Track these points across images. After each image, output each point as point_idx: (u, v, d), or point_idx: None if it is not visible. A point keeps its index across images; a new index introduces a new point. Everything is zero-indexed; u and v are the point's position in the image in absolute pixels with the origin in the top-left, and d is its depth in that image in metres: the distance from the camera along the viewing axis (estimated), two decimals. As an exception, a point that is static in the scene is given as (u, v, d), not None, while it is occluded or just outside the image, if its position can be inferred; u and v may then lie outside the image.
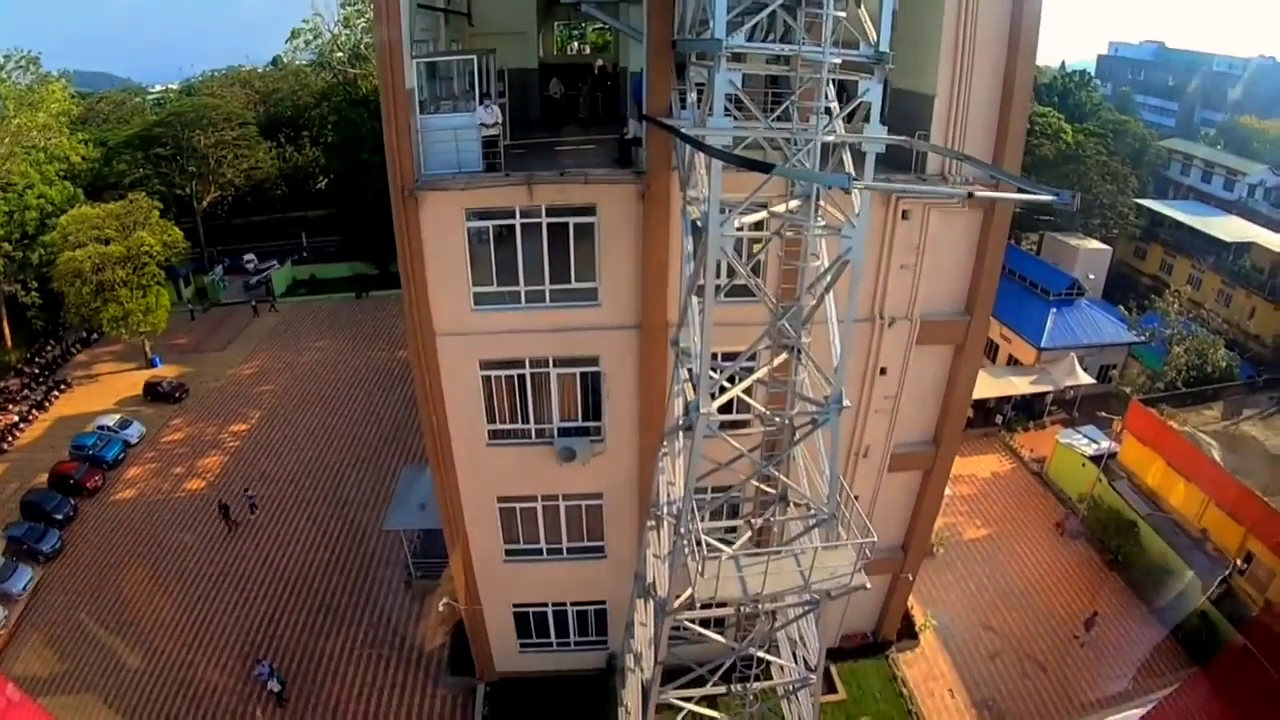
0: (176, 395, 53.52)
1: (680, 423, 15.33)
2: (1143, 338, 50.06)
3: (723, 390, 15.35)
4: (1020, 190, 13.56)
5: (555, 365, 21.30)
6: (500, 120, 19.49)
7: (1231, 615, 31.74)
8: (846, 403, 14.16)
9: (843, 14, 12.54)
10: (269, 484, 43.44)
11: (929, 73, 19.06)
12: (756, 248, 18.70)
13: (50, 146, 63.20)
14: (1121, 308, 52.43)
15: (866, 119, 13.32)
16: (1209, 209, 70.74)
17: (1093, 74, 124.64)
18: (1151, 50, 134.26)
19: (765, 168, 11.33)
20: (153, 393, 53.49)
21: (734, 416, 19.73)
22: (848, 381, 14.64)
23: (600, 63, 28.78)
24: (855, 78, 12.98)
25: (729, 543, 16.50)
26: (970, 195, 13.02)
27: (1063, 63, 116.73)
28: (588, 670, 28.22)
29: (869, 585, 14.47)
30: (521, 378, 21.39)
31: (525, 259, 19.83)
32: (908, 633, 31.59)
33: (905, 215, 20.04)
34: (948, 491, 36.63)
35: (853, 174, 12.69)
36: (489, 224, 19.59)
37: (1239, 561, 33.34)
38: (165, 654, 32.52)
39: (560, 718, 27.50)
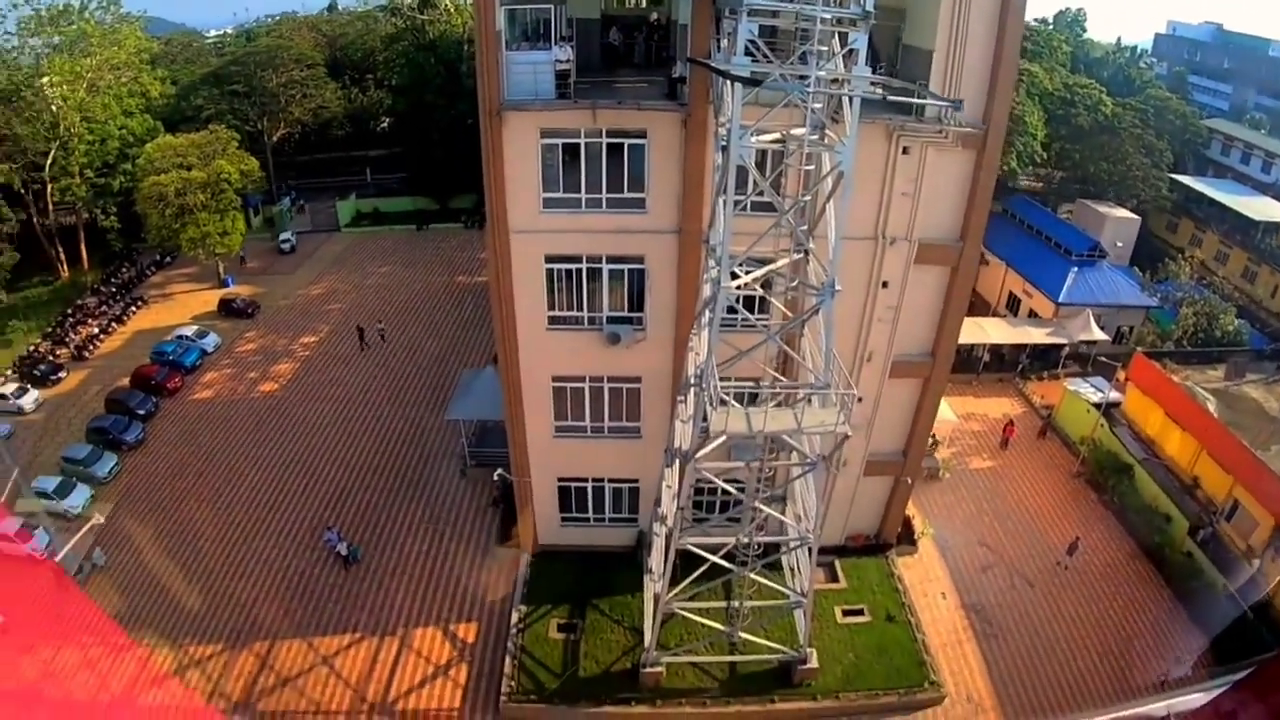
0: (249, 311, 58.29)
1: (707, 297, 19.21)
2: (1154, 300, 52.60)
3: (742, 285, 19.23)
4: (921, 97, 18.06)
5: (607, 262, 25.51)
6: (570, 59, 23.40)
7: (1215, 558, 34.01)
8: (839, 287, 17.87)
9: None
10: (337, 387, 48.10)
11: (930, 31, 22.55)
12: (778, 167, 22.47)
13: (130, 82, 68.20)
14: (1137, 270, 54.71)
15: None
16: (1244, 189, 71.83)
17: (1149, 52, 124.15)
18: (1209, 31, 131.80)
19: (755, 82, 15.33)
20: (227, 309, 58.42)
21: (754, 314, 23.56)
22: (853, 291, 18.03)
23: (655, 16, 32.40)
24: (849, 31, 16.57)
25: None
26: (883, 98, 16.88)
27: (1119, 39, 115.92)
28: (619, 547, 32.38)
29: (850, 432, 18.22)
30: (579, 271, 25.60)
31: (586, 172, 23.99)
32: (907, 539, 35.09)
33: (906, 150, 23.70)
34: (955, 419, 39.98)
35: (808, 90, 16.76)
36: (558, 141, 23.65)
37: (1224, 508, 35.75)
38: (240, 526, 37.11)
39: (593, 584, 31.39)
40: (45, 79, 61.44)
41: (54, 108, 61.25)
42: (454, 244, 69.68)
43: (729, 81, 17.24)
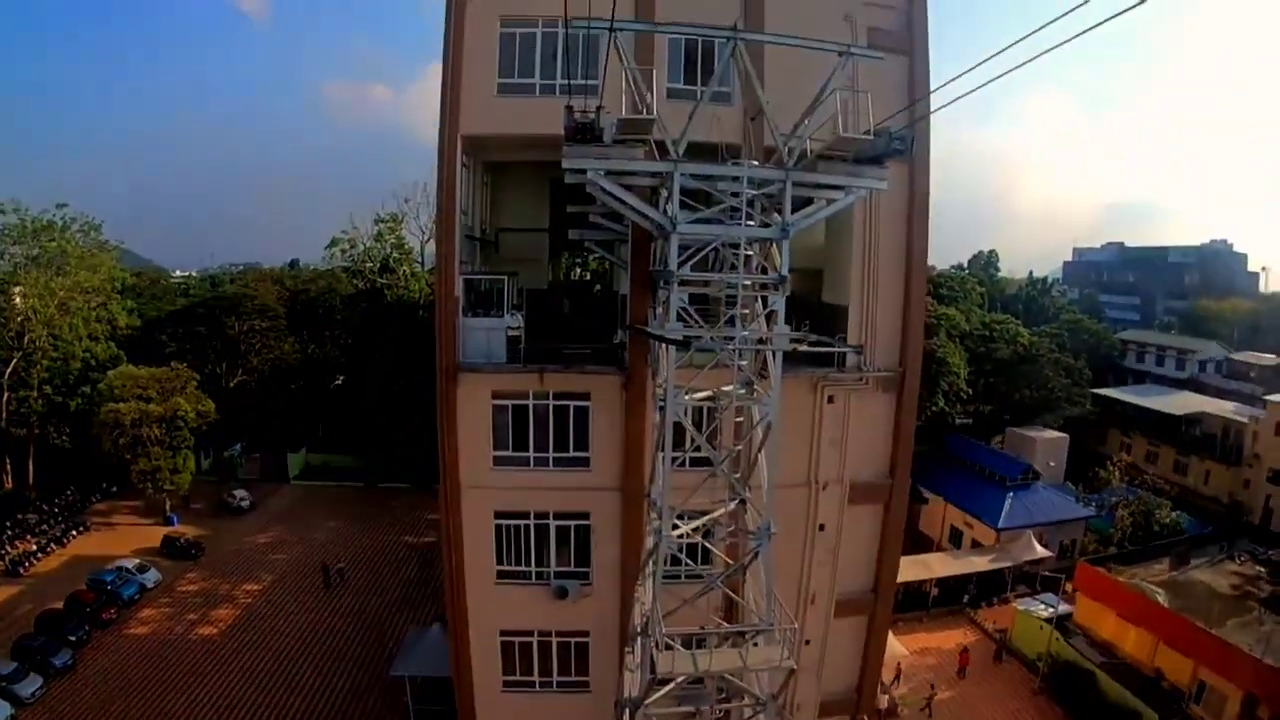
0: (193, 552, 57.09)
1: (650, 548, 20.05)
2: (1090, 509, 54.68)
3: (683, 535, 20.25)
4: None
5: (554, 518, 26.41)
6: (521, 325, 25.51)
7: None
8: (774, 529, 18.94)
9: (751, 253, 18.56)
10: (279, 637, 46.41)
11: (844, 289, 25.31)
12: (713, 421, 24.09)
13: (99, 308, 70.73)
14: (1070, 484, 57.11)
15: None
16: (1162, 389, 77.47)
17: (1060, 280, 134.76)
18: (1112, 252, 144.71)
19: (687, 344, 17.48)
20: (170, 547, 57.25)
21: (697, 562, 24.41)
22: (791, 535, 19.21)
23: (598, 287, 35.49)
24: (770, 295, 18.78)
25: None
26: (795, 350, 19.19)
27: (1030, 272, 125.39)
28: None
29: (795, 665, 18.65)
30: (527, 527, 26.41)
31: (534, 431, 25.51)
32: (870, 783, 34.02)
33: (831, 399, 25.79)
34: (906, 653, 40.00)
35: (734, 348, 18.59)
36: (509, 402, 25.32)
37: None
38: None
39: None
40: (18, 289, 63.53)
41: (20, 319, 62.88)
42: (402, 504, 69.31)
43: (664, 345, 19.15)
